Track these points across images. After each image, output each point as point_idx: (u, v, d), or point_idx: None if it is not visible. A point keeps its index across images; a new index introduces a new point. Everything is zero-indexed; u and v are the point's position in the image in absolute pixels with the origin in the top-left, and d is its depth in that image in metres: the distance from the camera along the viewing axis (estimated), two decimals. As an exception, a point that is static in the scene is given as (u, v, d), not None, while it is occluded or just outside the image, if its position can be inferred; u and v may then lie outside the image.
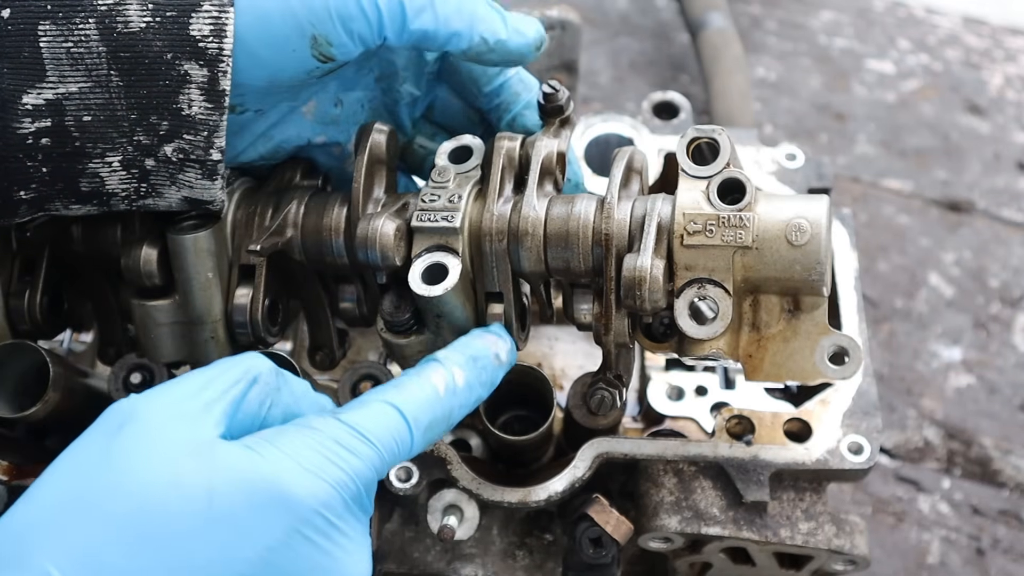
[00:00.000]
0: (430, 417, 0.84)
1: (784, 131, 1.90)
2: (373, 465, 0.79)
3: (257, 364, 0.81)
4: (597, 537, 1.02)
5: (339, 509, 0.76)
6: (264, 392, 0.80)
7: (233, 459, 0.74)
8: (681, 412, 1.18)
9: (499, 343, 0.92)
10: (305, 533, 0.74)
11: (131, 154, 0.86)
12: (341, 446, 0.78)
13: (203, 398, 0.77)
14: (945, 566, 1.46)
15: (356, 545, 0.77)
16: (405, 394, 0.84)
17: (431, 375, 0.86)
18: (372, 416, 0.81)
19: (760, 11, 2.09)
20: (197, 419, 0.75)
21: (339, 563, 0.76)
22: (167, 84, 0.83)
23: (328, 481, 0.75)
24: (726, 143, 0.91)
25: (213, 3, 0.82)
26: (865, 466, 1.05)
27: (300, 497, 0.74)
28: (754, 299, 0.91)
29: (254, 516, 0.72)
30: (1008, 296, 1.71)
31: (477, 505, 1.05)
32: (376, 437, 0.80)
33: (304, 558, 0.74)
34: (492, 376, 0.91)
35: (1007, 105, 1.94)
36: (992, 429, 1.58)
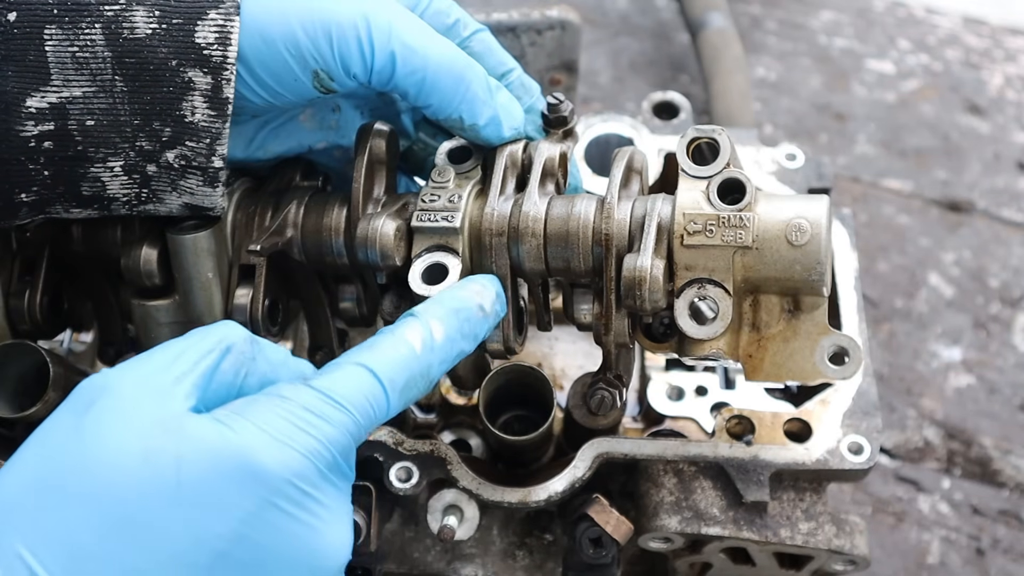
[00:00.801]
0: (406, 376, 0.82)
1: (784, 131, 1.90)
2: (348, 430, 0.78)
3: (231, 333, 0.80)
4: (597, 537, 1.02)
5: (313, 478, 0.75)
6: (238, 361, 0.79)
7: (202, 433, 0.73)
8: (681, 412, 1.18)
9: (483, 292, 0.89)
10: (278, 504, 0.73)
11: (133, 159, 0.86)
12: (312, 413, 0.76)
13: (174, 371, 0.76)
14: (945, 566, 1.46)
15: (334, 514, 0.76)
16: (379, 354, 0.81)
17: (406, 332, 0.84)
18: (344, 380, 0.79)
19: (760, 11, 2.09)
20: (167, 393, 0.74)
21: (317, 532, 0.75)
22: (171, 91, 0.84)
23: (299, 450, 0.74)
24: (726, 143, 0.91)
25: (219, 11, 0.83)
26: (865, 466, 1.05)
27: (271, 468, 0.73)
28: (754, 299, 0.91)
29: (225, 490, 0.72)
30: (1008, 296, 1.71)
31: (477, 505, 1.05)
32: (349, 401, 0.78)
33: (279, 530, 0.73)
34: (476, 328, 0.88)
35: (1007, 105, 1.94)
36: (992, 429, 1.58)
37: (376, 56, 0.88)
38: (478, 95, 0.92)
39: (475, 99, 0.92)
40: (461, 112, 0.92)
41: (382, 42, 0.87)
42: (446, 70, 0.90)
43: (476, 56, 0.96)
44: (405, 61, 0.88)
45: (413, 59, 0.89)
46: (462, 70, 0.91)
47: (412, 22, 0.90)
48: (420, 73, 0.89)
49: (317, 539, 0.75)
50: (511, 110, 0.96)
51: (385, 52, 0.88)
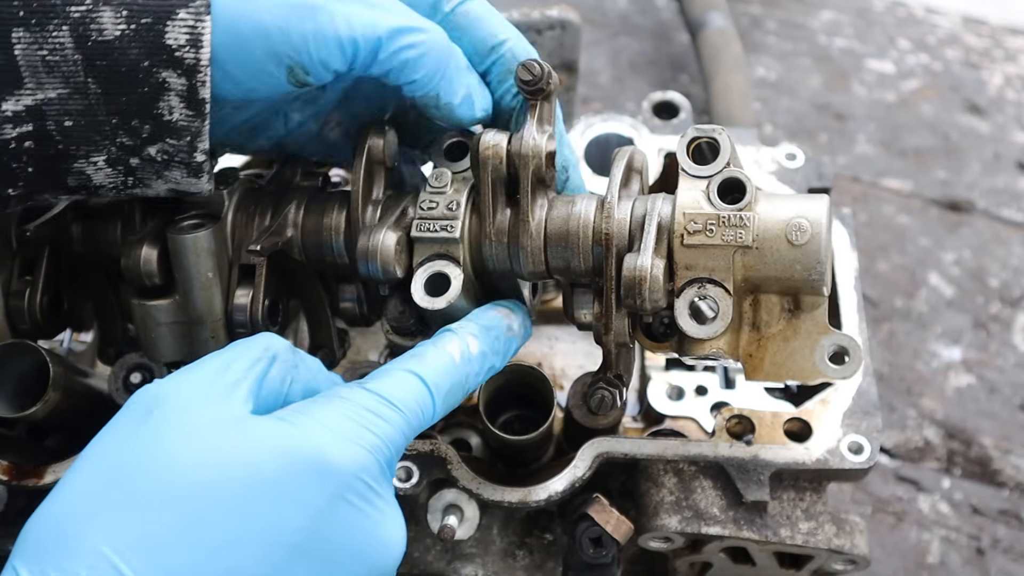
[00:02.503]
0: (449, 384, 0.86)
1: (784, 131, 1.90)
2: (402, 430, 0.81)
3: (274, 343, 0.84)
4: (597, 537, 1.02)
5: (376, 473, 0.78)
6: (284, 369, 0.83)
7: (269, 432, 0.76)
8: (681, 412, 1.18)
9: (511, 315, 0.94)
10: (348, 498, 0.76)
11: (115, 154, 0.86)
12: (372, 413, 0.80)
13: (227, 378, 0.79)
14: (945, 566, 1.46)
15: (393, 508, 0.80)
16: (425, 362, 0.86)
17: (447, 344, 0.88)
18: (397, 384, 0.84)
19: (760, 11, 2.09)
20: (225, 398, 0.77)
21: (381, 525, 0.78)
22: (146, 91, 0.83)
23: (365, 447, 0.78)
24: (726, 143, 0.91)
25: (189, 11, 0.81)
26: (865, 466, 1.05)
27: (340, 464, 0.76)
28: (754, 299, 0.91)
29: (297, 485, 0.74)
30: (1008, 296, 1.71)
31: (477, 505, 1.05)
32: (402, 403, 0.82)
33: (349, 523, 0.76)
34: (506, 347, 0.93)
35: (1007, 105, 1.94)
36: (992, 429, 1.58)
37: (359, 49, 0.87)
38: (455, 75, 0.92)
39: (452, 79, 0.92)
40: (439, 91, 0.92)
41: (363, 34, 0.86)
42: (427, 53, 0.90)
43: (463, 29, 0.95)
44: (385, 49, 0.88)
45: (392, 46, 0.88)
46: (441, 51, 0.91)
47: (390, 7, 0.89)
48: (400, 58, 0.89)
49: (381, 531, 0.79)
50: (482, 92, 0.96)
51: (367, 44, 0.87)
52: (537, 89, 0.94)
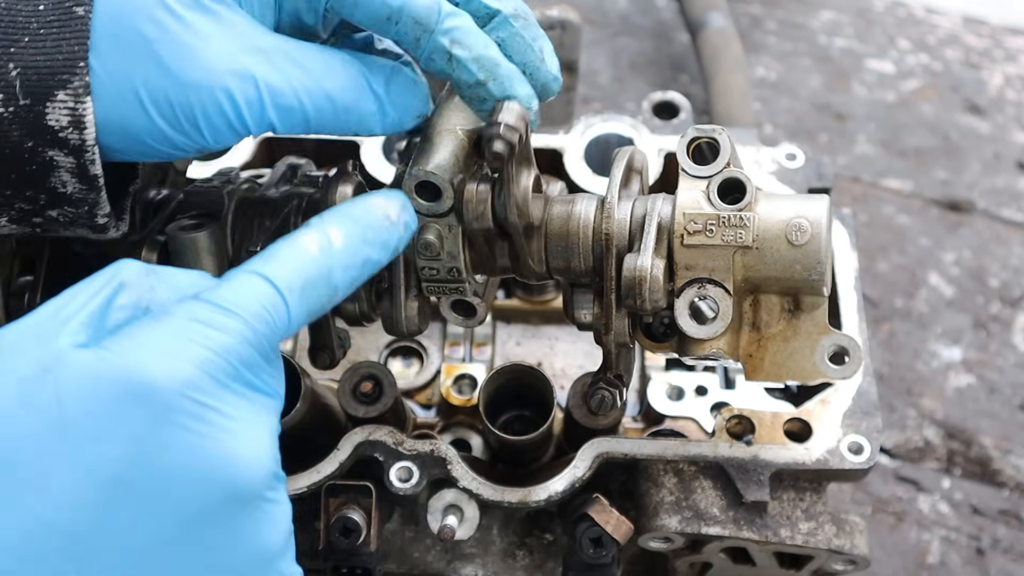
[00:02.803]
0: (303, 279, 0.77)
1: (784, 131, 1.90)
2: (243, 337, 0.73)
3: (123, 268, 0.75)
4: (597, 537, 1.02)
5: (209, 388, 0.70)
6: (136, 296, 0.74)
7: (81, 364, 0.69)
8: (681, 412, 1.18)
9: (388, 203, 0.85)
10: (172, 419, 0.68)
11: (17, 216, 0.84)
12: (202, 324, 0.72)
13: (60, 316, 0.71)
14: (945, 566, 1.46)
15: (243, 424, 0.71)
16: (272, 261, 0.77)
17: (300, 237, 0.79)
18: (235, 288, 0.75)
19: (760, 11, 2.09)
20: (50, 337, 0.70)
21: (220, 443, 0.70)
22: (35, 169, 0.80)
23: (190, 362, 0.70)
24: (726, 143, 0.91)
25: (68, 92, 0.77)
26: (865, 466, 1.05)
27: (160, 382, 0.68)
28: (754, 299, 0.91)
29: (110, 413, 0.67)
30: (1008, 296, 1.71)
31: (477, 505, 1.05)
32: (241, 307, 0.73)
33: (176, 445, 0.68)
34: (384, 237, 0.84)
35: (1007, 105, 1.94)
36: (992, 429, 1.58)
37: (252, 129, 0.82)
38: (365, 112, 0.86)
39: (363, 119, 0.86)
40: (357, 132, 0.87)
41: (254, 114, 0.81)
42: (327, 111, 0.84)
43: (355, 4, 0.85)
44: (285, 123, 0.83)
45: (292, 116, 0.83)
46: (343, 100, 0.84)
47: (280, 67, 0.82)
48: (302, 126, 0.84)
49: (224, 448, 0.70)
50: (406, 104, 0.88)
51: (260, 123, 0.82)
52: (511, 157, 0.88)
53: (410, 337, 1.00)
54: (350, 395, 1.09)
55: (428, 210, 0.91)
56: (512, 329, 1.30)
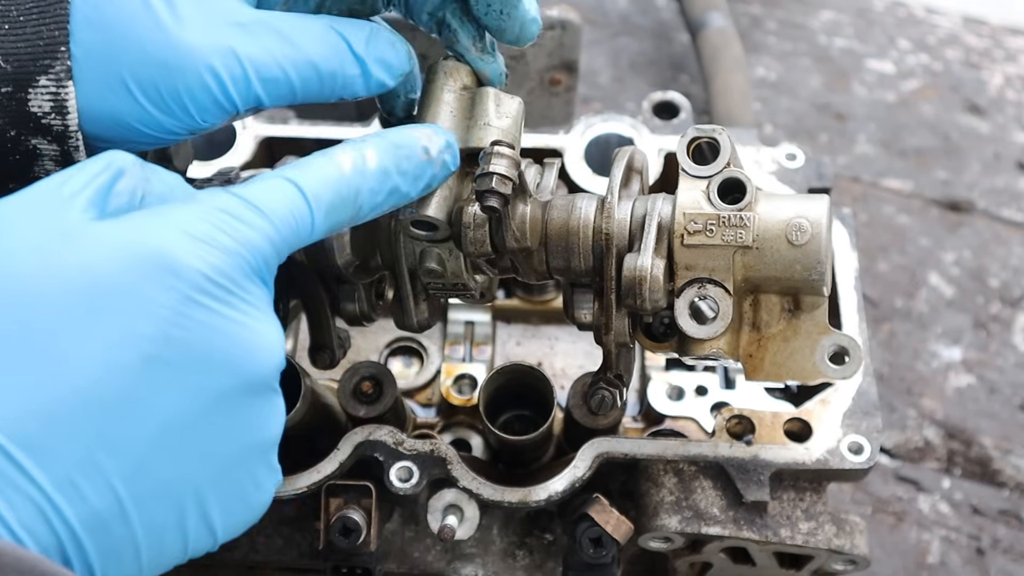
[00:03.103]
0: (332, 194, 0.78)
1: (784, 131, 1.90)
2: (268, 237, 0.73)
3: (119, 156, 0.74)
4: (597, 537, 1.02)
5: (236, 277, 0.70)
6: (134, 183, 0.74)
7: (111, 235, 0.68)
8: (681, 412, 1.18)
9: (432, 136, 0.86)
10: (201, 301, 0.68)
11: None
12: (231, 216, 0.72)
13: (64, 192, 0.70)
14: (945, 566, 1.46)
15: (264, 314, 0.72)
16: (305, 171, 0.78)
17: (336, 154, 0.80)
18: (267, 190, 0.75)
19: (760, 11, 2.09)
20: (61, 208, 0.69)
21: (247, 328, 0.71)
22: (18, 158, 0.79)
23: (218, 249, 0.70)
24: (726, 143, 0.91)
25: (49, 77, 0.77)
26: (865, 466, 1.05)
27: (188, 262, 0.68)
28: (754, 299, 0.91)
29: (143, 289, 0.67)
30: (1008, 296, 1.71)
31: (477, 505, 1.05)
32: (269, 209, 0.74)
33: (207, 326, 0.69)
34: (418, 169, 0.84)
35: (1007, 105, 1.94)
36: (992, 429, 1.58)
37: (239, 105, 0.82)
38: (348, 75, 0.85)
39: (347, 81, 0.86)
40: (342, 95, 0.86)
41: (240, 90, 0.81)
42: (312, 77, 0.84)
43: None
44: (272, 95, 0.82)
45: (278, 87, 0.82)
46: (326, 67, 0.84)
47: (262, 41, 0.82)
48: (289, 97, 0.84)
49: (248, 335, 0.71)
50: (388, 60, 0.88)
51: (247, 98, 0.81)
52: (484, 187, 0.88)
53: (421, 331, 1.05)
54: (350, 395, 1.09)
55: (427, 238, 0.93)
56: (512, 329, 1.30)
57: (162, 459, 0.68)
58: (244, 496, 0.74)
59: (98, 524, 0.66)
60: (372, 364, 1.11)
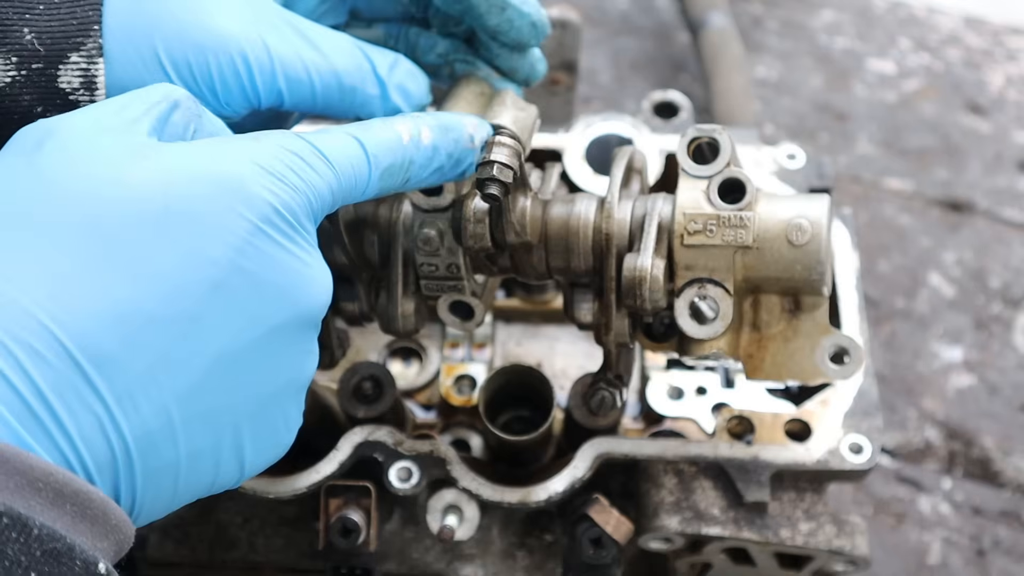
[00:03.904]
0: (389, 160, 0.80)
1: (785, 131, 1.90)
2: (329, 185, 0.75)
3: (174, 90, 0.76)
4: (597, 537, 1.02)
5: (299, 216, 0.72)
6: (187, 116, 0.75)
7: (185, 155, 0.69)
8: (681, 412, 1.18)
9: (478, 126, 0.88)
10: (268, 233, 0.69)
11: None
12: (301, 159, 0.73)
13: (125, 116, 0.71)
14: (946, 567, 1.46)
15: (317, 257, 0.74)
16: (369, 131, 0.80)
17: (397, 123, 0.82)
18: (334, 141, 0.77)
19: (761, 11, 2.09)
20: (126, 130, 0.70)
21: (307, 265, 0.72)
22: None
23: (288, 185, 0.71)
24: (726, 143, 0.91)
25: (81, 54, 0.78)
26: (866, 466, 1.05)
27: (259, 193, 0.69)
28: (755, 299, 0.91)
29: (217, 213, 0.68)
30: (1009, 296, 1.70)
31: (477, 505, 1.05)
32: (336, 161, 0.76)
33: (272, 259, 0.70)
34: (460, 154, 0.86)
35: (1008, 105, 1.94)
36: (993, 429, 1.58)
37: (262, 97, 0.84)
38: (368, 96, 0.88)
39: (366, 102, 0.88)
40: (359, 114, 0.88)
41: (265, 80, 0.83)
42: (334, 87, 0.86)
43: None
44: (293, 95, 0.85)
45: (300, 89, 0.85)
46: (349, 81, 0.87)
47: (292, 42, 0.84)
48: (309, 102, 0.86)
49: (307, 272, 0.72)
50: (407, 89, 0.91)
51: (270, 92, 0.83)
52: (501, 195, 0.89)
53: (406, 336, 0.99)
54: (350, 395, 1.09)
55: (430, 205, 0.92)
56: (512, 329, 1.29)
57: (214, 385, 0.69)
58: (275, 432, 0.75)
59: (150, 444, 0.66)
60: (372, 364, 1.11)
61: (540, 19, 0.95)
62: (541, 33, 0.96)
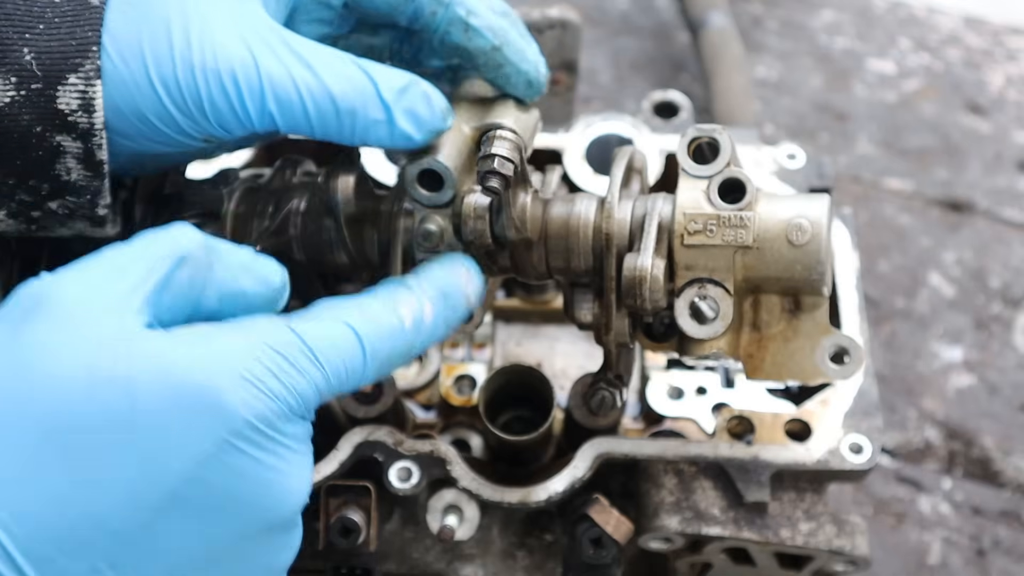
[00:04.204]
0: (389, 349, 0.78)
1: (785, 130, 1.90)
2: (317, 387, 0.74)
3: (183, 237, 0.74)
4: (597, 537, 1.02)
5: (276, 423, 0.70)
6: (194, 272, 0.73)
7: (161, 355, 0.68)
8: (681, 412, 1.18)
9: (471, 282, 0.87)
10: (238, 446, 0.68)
11: (15, 209, 0.84)
12: (286, 360, 0.72)
13: (123, 284, 0.70)
14: (946, 567, 1.46)
15: (295, 457, 0.73)
16: (368, 319, 0.77)
17: (399, 305, 0.80)
18: (328, 334, 0.75)
19: (761, 10, 2.08)
20: (117, 307, 0.69)
21: (278, 474, 0.71)
22: (41, 155, 0.80)
23: (267, 393, 0.70)
24: (727, 142, 0.91)
25: (79, 75, 0.78)
26: (866, 466, 1.05)
27: (234, 406, 0.68)
28: (755, 299, 0.91)
29: (183, 424, 0.67)
30: (1009, 296, 1.70)
31: (477, 505, 1.05)
32: (326, 359, 0.74)
33: (237, 473, 0.69)
34: (460, 316, 0.86)
35: (1008, 105, 1.94)
36: (993, 429, 1.58)
37: (255, 120, 0.82)
38: (371, 121, 0.83)
39: (368, 127, 0.84)
40: (366, 140, 0.84)
41: (255, 103, 0.81)
42: (331, 118, 0.82)
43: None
44: (286, 119, 0.82)
45: (294, 114, 0.82)
46: (350, 103, 0.82)
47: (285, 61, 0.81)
48: (304, 126, 0.82)
49: (277, 480, 0.71)
50: (418, 114, 0.85)
51: (262, 115, 0.81)
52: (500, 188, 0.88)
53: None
54: (350, 395, 1.09)
55: (429, 201, 0.91)
56: (512, 329, 1.29)
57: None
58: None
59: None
60: (372, 364, 1.11)
61: (537, 78, 0.93)
62: (536, 91, 0.94)
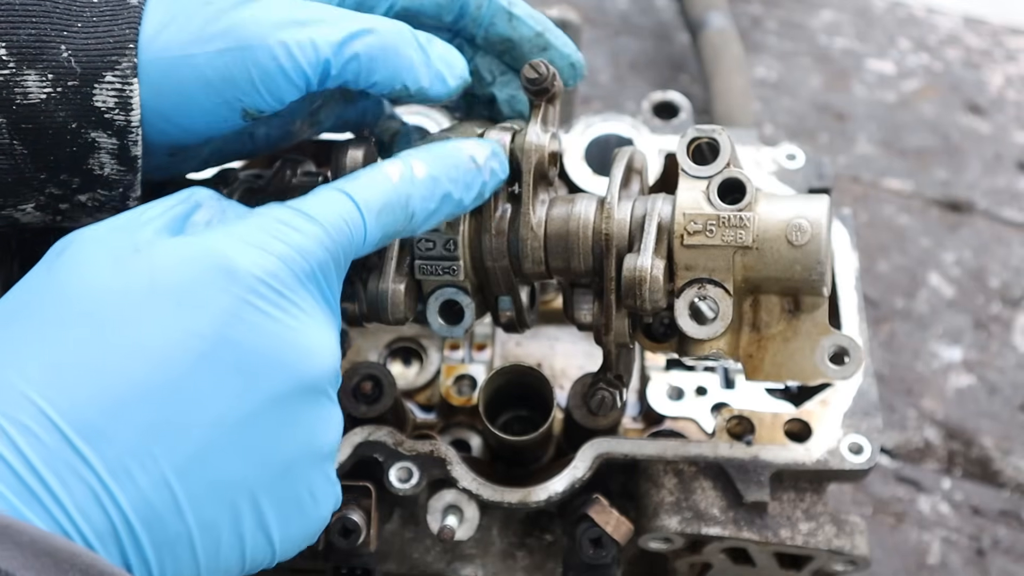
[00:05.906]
0: (382, 201, 0.81)
1: (784, 131, 1.90)
2: (320, 242, 0.76)
3: (198, 191, 0.81)
4: (597, 538, 1.02)
5: (288, 281, 0.74)
6: (210, 215, 0.80)
7: (174, 244, 0.74)
8: (681, 412, 1.18)
9: (476, 148, 0.89)
10: (254, 303, 0.72)
11: (44, 202, 0.85)
12: (284, 224, 0.76)
13: (143, 219, 0.77)
14: (945, 567, 1.46)
15: (315, 319, 0.75)
16: (355, 181, 0.81)
17: (385, 166, 0.84)
18: (319, 200, 0.79)
19: (760, 11, 2.09)
20: (135, 231, 0.75)
21: (299, 332, 0.74)
22: (75, 150, 0.82)
23: (272, 253, 0.74)
24: (726, 143, 0.91)
25: (116, 73, 0.80)
26: (865, 466, 1.05)
27: (244, 267, 0.72)
28: (754, 299, 0.91)
29: (199, 288, 0.71)
30: (1009, 296, 1.70)
31: (477, 505, 1.05)
32: (321, 215, 0.77)
33: (258, 329, 0.72)
34: (468, 177, 0.87)
35: (1008, 105, 1.94)
36: (993, 429, 1.58)
37: (309, 77, 0.84)
38: (413, 59, 0.88)
39: (411, 65, 0.88)
40: (405, 81, 0.88)
41: (309, 61, 0.83)
42: (378, 55, 0.86)
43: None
44: (335, 65, 0.84)
45: (342, 60, 0.85)
46: (393, 45, 0.86)
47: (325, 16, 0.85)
48: (352, 68, 0.86)
49: (300, 339, 0.74)
50: (449, 60, 0.91)
51: (315, 69, 0.84)
52: (542, 89, 0.93)
53: (393, 324, 0.97)
54: (350, 395, 1.09)
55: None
56: (512, 329, 1.29)
57: (215, 456, 0.70)
58: (300, 505, 0.76)
59: (152, 515, 0.68)
60: (372, 364, 1.11)
61: (579, 59, 0.99)
62: (579, 74, 1.00)
